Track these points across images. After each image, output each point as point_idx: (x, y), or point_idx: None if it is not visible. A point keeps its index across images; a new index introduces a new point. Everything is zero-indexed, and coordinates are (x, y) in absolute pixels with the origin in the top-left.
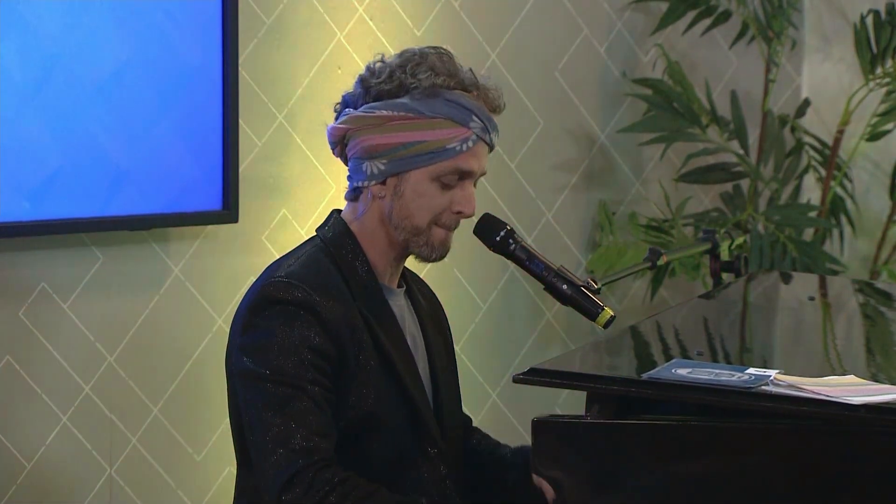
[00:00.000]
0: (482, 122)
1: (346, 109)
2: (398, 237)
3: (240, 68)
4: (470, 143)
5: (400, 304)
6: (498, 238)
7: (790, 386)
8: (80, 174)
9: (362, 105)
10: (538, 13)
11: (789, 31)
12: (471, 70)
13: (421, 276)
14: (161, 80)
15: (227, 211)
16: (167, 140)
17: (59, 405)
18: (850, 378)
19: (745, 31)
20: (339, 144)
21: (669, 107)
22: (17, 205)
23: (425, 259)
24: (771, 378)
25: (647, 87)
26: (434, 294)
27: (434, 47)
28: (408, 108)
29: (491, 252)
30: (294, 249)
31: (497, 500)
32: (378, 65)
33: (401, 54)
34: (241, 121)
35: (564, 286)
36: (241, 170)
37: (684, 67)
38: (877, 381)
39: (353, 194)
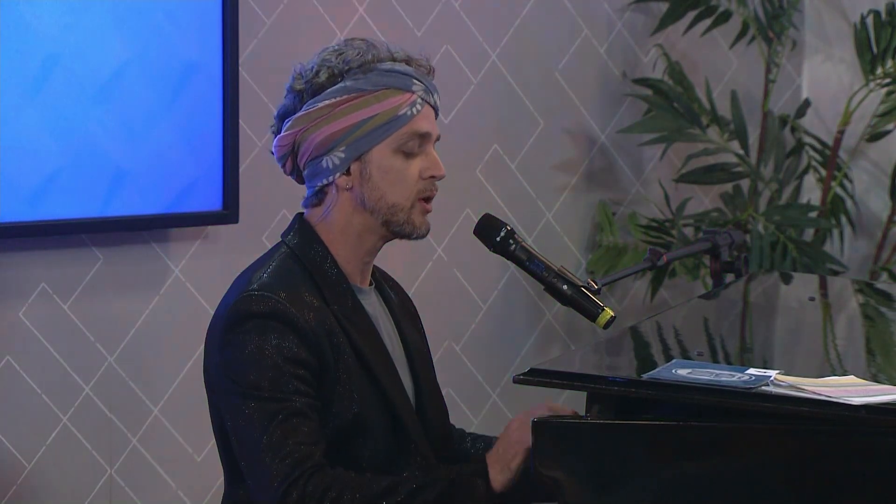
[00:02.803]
0: (423, 83)
1: (286, 120)
2: (378, 221)
3: (240, 68)
4: (418, 107)
5: (372, 303)
6: (498, 238)
7: (790, 386)
8: (80, 174)
9: (302, 107)
10: (538, 13)
11: (789, 32)
12: (387, 43)
13: (421, 276)
14: (161, 80)
15: (227, 211)
16: (167, 140)
17: (59, 405)
18: (851, 378)
19: (746, 32)
20: (290, 156)
21: (670, 107)
22: (17, 205)
23: (408, 236)
24: (771, 378)
25: (648, 87)
26: (402, 288)
27: (343, 40)
28: (349, 90)
29: (491, 252)
30: (262, 258)
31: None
32: (299, 69)
33: (317, 54)
34: (241, 121)
35: (564, 286)
36: (241, 170)
37: (684, 67)
38: (877, 381)
39: (316, 198)
